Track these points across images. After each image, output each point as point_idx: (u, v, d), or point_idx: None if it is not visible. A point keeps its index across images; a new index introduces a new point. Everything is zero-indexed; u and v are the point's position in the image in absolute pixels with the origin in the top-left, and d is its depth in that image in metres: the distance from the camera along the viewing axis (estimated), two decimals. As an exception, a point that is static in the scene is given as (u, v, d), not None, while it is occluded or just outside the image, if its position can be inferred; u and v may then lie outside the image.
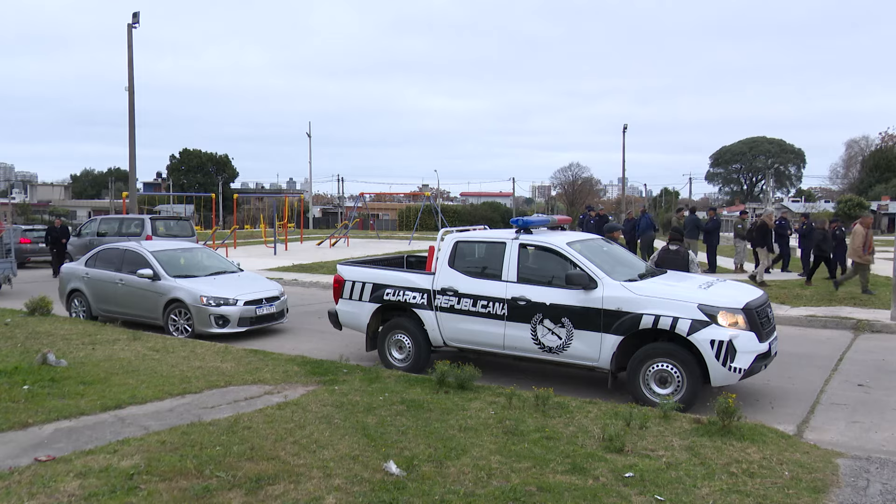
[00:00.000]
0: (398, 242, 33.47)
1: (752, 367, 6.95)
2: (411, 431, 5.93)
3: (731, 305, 7.05)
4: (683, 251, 9.88)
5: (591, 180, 77.88)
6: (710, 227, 19.34)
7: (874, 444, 6.08)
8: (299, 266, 21.03)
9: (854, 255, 14.02)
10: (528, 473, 5.02)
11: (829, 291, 14.46)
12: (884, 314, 11.93)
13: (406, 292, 8.69)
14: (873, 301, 13.24)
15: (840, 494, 4.70)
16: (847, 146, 70.61)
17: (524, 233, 8.28)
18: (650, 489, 4.73)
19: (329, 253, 26.74)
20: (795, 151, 78.12)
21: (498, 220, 51.40)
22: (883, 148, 61.45)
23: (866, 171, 61.18)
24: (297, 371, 8.12)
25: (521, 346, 7.88)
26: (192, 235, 20.24)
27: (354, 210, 41.03)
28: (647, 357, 7.14)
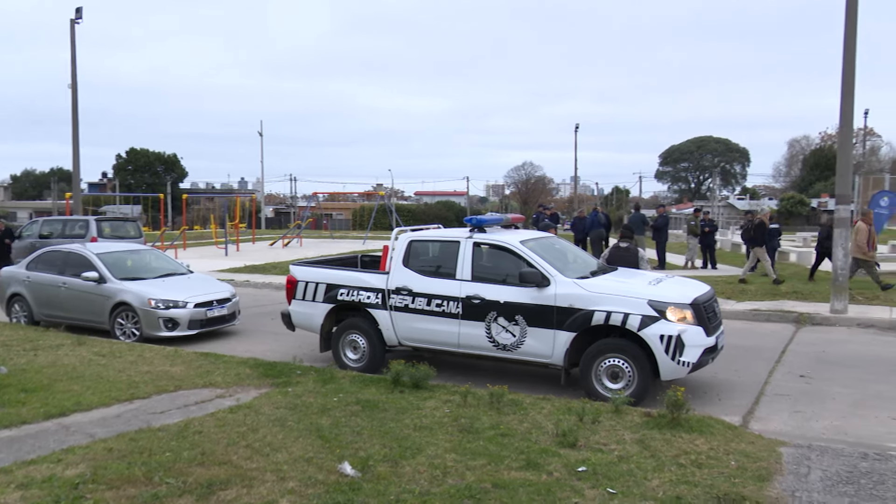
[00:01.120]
0: (352, 242, 33.27)
1: (700, 360, 7.13)
2: (366, 432, 5.90)
3: (679, 301, 7.22)
4: (633, 248, 10.07)
5: (544, 179, 78.75)
6: (659, 225, 19.76)
7: (815, 433, 6.30)
8: (251, 267, 20.73)
9: (859, 253, 14.11)
10: (484, 471, 5.05)
11: (772, 286, 14.91)
12: (823, 307, 12.37)
13: (360, 292, 8.64)
14: (814, 295, 13.71)
15: (783, 482, 4.85)
16: (789, 145, 73.03)
17: (478, 231, 8.32)
18: (602, 482, 4.81)
19: (282, 253, 26.42)
20: (741, 150, 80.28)
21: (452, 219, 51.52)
22: (822, 147, 63.64)
23: (807, 169, 63.26)
24: (249, 373, 8.00)
25: (476, 344, 7.92)
26: (140, 237, 19.75)
27: (308, 210, 40.67)
28: (599, 353, 7.26)
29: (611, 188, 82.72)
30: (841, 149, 12.68)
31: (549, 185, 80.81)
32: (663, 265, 18.96)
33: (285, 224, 59.48)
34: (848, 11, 11.93)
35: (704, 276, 15.47)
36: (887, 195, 18.01)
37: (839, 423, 6.59)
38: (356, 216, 58.03)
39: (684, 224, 31.48)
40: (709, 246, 19.51)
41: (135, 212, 48.68)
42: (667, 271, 16.05)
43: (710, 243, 19.57)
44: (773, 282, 15.43)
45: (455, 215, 56.14)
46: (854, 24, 11.93)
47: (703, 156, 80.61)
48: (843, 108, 12.14)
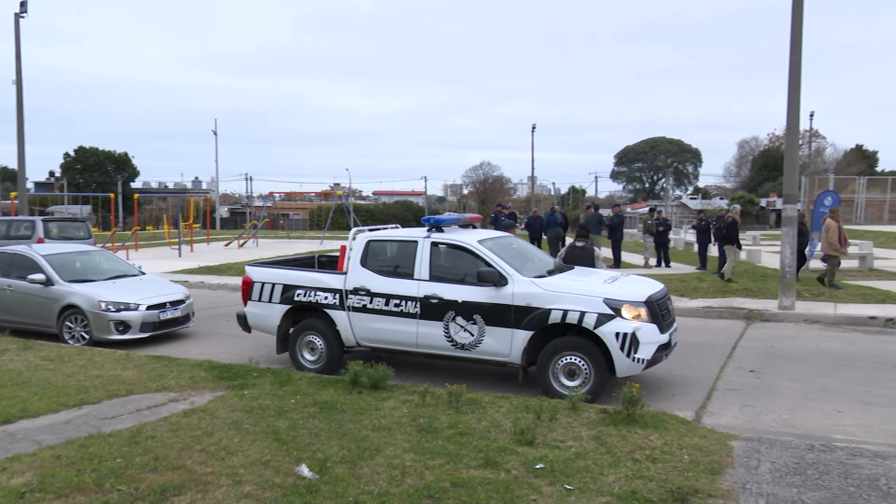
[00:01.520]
0: (309, 242, 32.96)
1: (655, 357, 7.26)
2: (324, 433, 5.85)
3: (634, 299, 7.34)
4: (589, 247, 10.21)
5: (501, 179, 79.24)
6: (615, 224, 20.06)
7: (764, 426, 6.48)
8: (206, 268, 20.37)
9: (830, 249, 14.38)
10: (442, 470, 5.06)
11: (723, 284, 15.27)
12: (772, 304, 12.72)
13: (317, 293, 8.57)
14: (763, 292, 14.09)
15: (734, 474, 4.98)
16: (739, 146, 74.76)
17: (436, 231, 8.33)
18: (560, 479, 4.87)
19: (237, 254, 26.03)
20: (693, 151, 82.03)
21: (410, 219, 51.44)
22: (770, 148, 65.37)
23: (756, 169, 64.93)
24: (204, 376, 7.86)
25: (435, 343, 7.92)
26: (89, 238, 19.25)
27: (264, 210, 40.14)
28: (556, 351, 7.33)
29: (567, 188, 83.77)
30: (788, 150, 13.06)
31: (506, 185, 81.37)
32: (619, 264, 19.25)
33: (241, 224, 58.61)
34: (794, 17, 12.29)
35: (658, 275, 15.77)
36: (831, 195, 18.58)
37: (787, 416, 6.79)
38: (313, 216, 57.49)
39: (639, 223, 32.05)
40: (662, 245, 19.89)
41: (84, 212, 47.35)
42: (622, 270, 16.32)
43: (664, 242, 19.96)
44: (725, 279, 15.75)
45: (413, 215, 56.08)
46: (800, 29, 12.29)
47: (657, 156, 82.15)
48: (790, 110, 12.51)
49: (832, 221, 14.62)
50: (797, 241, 15.43)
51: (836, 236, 14.39)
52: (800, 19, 12.28)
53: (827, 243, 14.45)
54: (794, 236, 12.66)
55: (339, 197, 42.08)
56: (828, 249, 14.45)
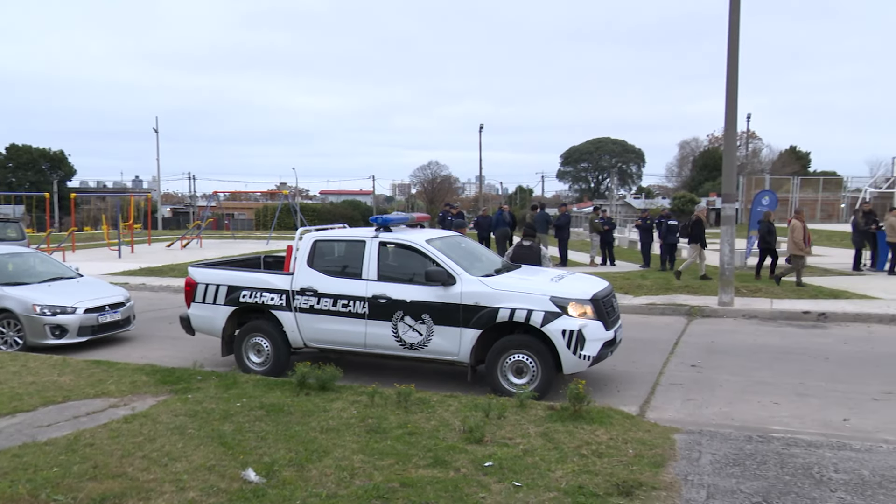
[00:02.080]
0: (255, 243, 32.43)
1: (600, 353, 7.39)
2: (271, 436, 5.77)
3: (580, 297, 7.45)
4: (536, 246, 10.32)
5: (450, 178, 79.41)
6: (561, 223, 20.34)
7: (705, 419, 6.67)
8: (147, 269, 19.84)
9: (795, 249, 14.55)
10: (392, 470, 5.05)
11: (666, 281, 15.64)
12: (712, 300, 13.10)
13: (263, 294, 8.45)
14: (703, 289, 14.49)
15: (676, 467, 5.11)
16: (680, 147, 76.66)
17: (384, 231, 8.30)
18: (508, 476, 4.91)
19: (180, 255, 25.42)
20: (636, 151, 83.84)
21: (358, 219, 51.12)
22: (710, 149, 67.25)
23: (696, 169, 66.69)
24: (145, 381, 7.66)
25: (383, 343, 7.90)
26: (23, 239, 18.49)
27: (208, 209, 39.30)
28: (504, 349, 7.39)
29: (515, 187, 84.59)
30: (726, 150, 13.47)
31: (454, 185, 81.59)
32: (565, 262, 19.52)
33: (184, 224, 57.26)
34: (731, 23, 12.68)
35: (604, 273, 16.06)
36: (768, 194, 19.25)
37: (727, 409, 7.00)
38: (259, 216, 56.57)
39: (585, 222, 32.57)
40: (608, 243, 20.26)
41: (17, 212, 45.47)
42: (568, 268, 16.56)
43: (609, 241, 20.33)
44: (675, 274, 16.01)
45: (361, 214, 55.76)
46: (736, 34, 12.69)
47: (602, 156, 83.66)
48: (728, 112, 12.89)
49: (797, 222, 14.73)
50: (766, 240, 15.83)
51: (801, 236, 14.55)
52: (736, 25, 12.67)
53: (793, 243, 14.58)
54: (733, 234, 13.06)
55: (285, 196, 41.46)
56: (793, 249, 14.60)
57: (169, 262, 21.70)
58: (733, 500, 4.54)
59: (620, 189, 77.17)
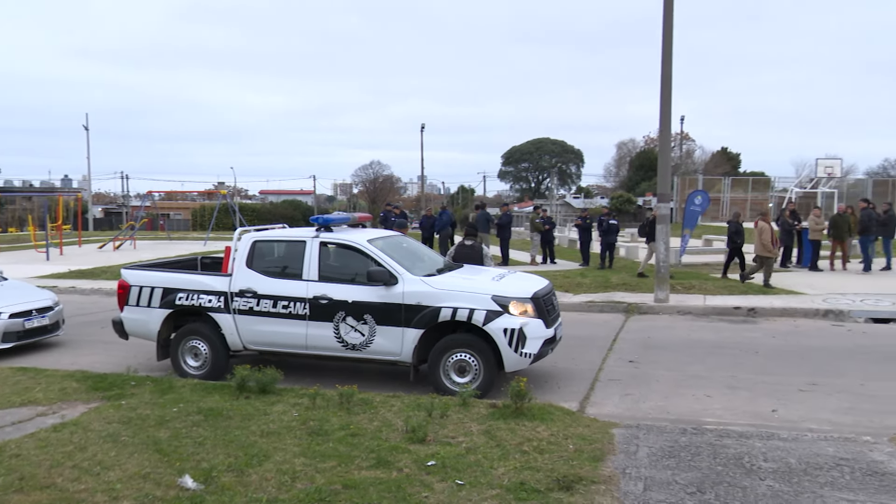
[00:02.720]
0: (192, 243, 31.63)
1: (541, 351, 7.50)
2: (209, 442, 5.64)
3: (521, 295, 7.54)
4: (478, 246, 10.39)
5: (392, 178, 79.20)
6: (503, 223, 20.53)
7: (643, 413, 6.85)
8: (78, 272, 19.12)
9: (763, 251, 14.64)
10: (334, 472, 5.01)
11: (605, 279, 15.97)
12: (649, 297, 13.45)
13: (200, 296, 8.25)
14: (640, 286, 14.86)
15: (615, 460, 5.23)
16: (618, 147, 78.46)
17: (325, 231, 8.23)
18: (451, 475, 4.93)
19: (113, 256, 24.58)
20: (575, 152, 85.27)
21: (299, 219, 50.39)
22: (646, 149, 69.01)
23: (633, 169, 68.34)
24: (76, 388, 7.38)
25: (325, 345, 7.82)
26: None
27: (142, 209, 38.16)
28: (447, 348, 7.42)
29: (457, 187, 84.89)
30: (661, 152, 13.86)
31: (396, 184, 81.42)
32: (507, 261, 19.71)
33: (117, 225, 55.42)
34: (665, 29, 13.04)
35: (544, 271, 16.29)
36: (700, 194, 19.88)
37: (663, 403, 7.20)
38: (196, 216, 55.18)
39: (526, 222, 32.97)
40: (548, 242, 20.56)
41: (-66, 213, 43.20)
42: (510, 267, 16.73)
43: (550, 240, 20.64)
44: (638, 274, 16.22)
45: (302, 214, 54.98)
46: (670, 40, 13.06)
47: (542, 156, 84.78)
48: (662, 114, 13.26)
49: (764, 224, 14.86)
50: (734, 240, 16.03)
51: (769, 238, 14.71)
52: (670, 31, 13.04)
53: (760, 244, 14.70)
54: (668, 233, 13.43)
55: (223, 196, 40.57)
56: (761, 251, 14.71)
57: (101, 265, 20.97)
58: (669, 492, 4.68)
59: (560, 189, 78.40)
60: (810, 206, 24.87)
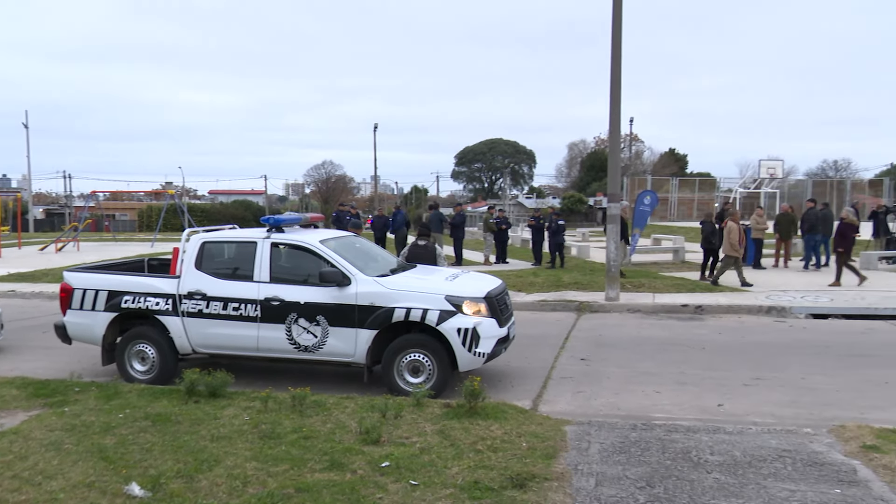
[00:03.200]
0: (139, 245, 30.86)
1: (494, 350, 7.55)
2: (157, 448, 5.51)
3: (474, 295, 7.58)
4: (431, 246, 10.40)
5: (344, 178, 78.66)
6: (456, 223, 20.60)
7: (594, 410, 6.95)
8: (18, 275, 18.45)
9: (731, 251, 14.77)
10: (286, 476, 4.95)
11: (557, 278, 16.16)
12: (600, 296, 13.66)
13: (147, 298, 8.06)
14: (592, 285, 15.09)
15: (567, 457, 5.30)
16: (569, 148, 79.53)
17: (276, 231, 8.12)
18: (405, 475, 4.92)
19: (55, 259, 23.79)
20: (528, 152, 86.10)
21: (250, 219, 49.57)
22: (596, 150, 70.11)
23: (584, 170, 69.34)
24: (16, 395, 7.12)
25: (277, 347, 7.73)
26: None
27: (86, 210, 37.03)
28: (401, 349, 7.41)
29: (410, 187, 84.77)
30: (611, 153, 14.09)
31: (349, 184, 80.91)
32: (460, 261, 19.78)
33: (59, 226, 53.64)
34: (614, 32, 13.26)
35: (497, 271, 16.41)
36: (649, 194, 20.29)
37: (614, 400, 7.32)
38: (143, 217, 53.83)
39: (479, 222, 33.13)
40: (502, 242, 20.72)
41: None
42: (463, 267, 16.79)
43: (504, 239, 20.80)
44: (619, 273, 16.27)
45: (253, 215, 54.08)
46: (619, 43, 13.29)
47: (495, 157, 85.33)
48: (612, 115, 13.49)
49: (733, 224, 14.98)
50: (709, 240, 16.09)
51: (737, 237, 14.85)
52: (619, 34, 13.27)
53: (729, 244, 14.83)
54: (618, 232, 13.67)
55: (171, 196, 39.67)
56: (729, 251, 14.85)
57: (42, 267, 20.28)
58: (620, 487, 4.76)
59: (513, 189, 79.00)
60: (754, 206, 25.62)
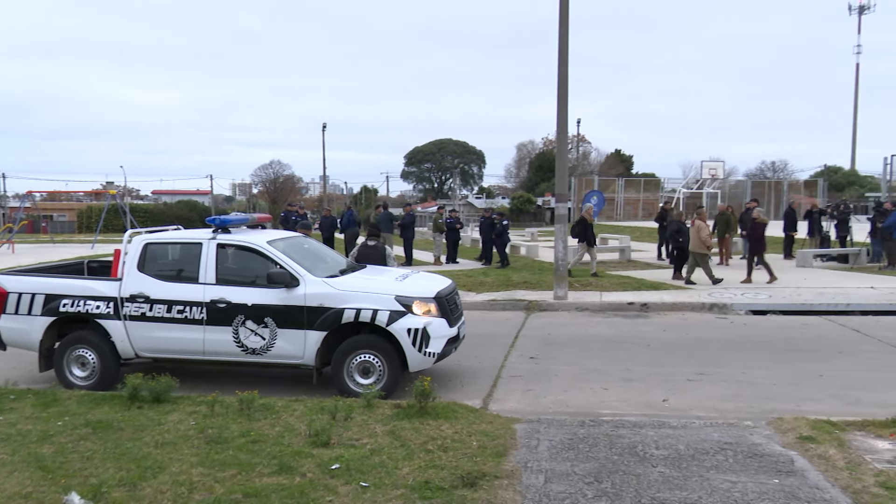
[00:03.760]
0: (78, 247, 29.87)
1: (445, 350, 7.56)
2: (98, 456, 5.35)
3: (424, 295, 7.58)
4: (381, 246, 10.35)
5: (293, 178, 77.74)
6: (406, 223, 20.58)
7: (543, 408, 7.04)
8: (-53, 279, 17.61)
9: (700, 248, 14.87)
10: (234, 481, 4.86)
11: (506, 277, 16.30)
12: (548, 295, 13.83)
13: (87, 302, 7.82)
14: (541, 284, 15.27)
15: (517, 455, 5.35)
16: (518, 149, 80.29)
17: (222, 232, 7.97)
18: (355, 477, 4.90)
19: (-12, 262, 22.84)
20: (477, 153, 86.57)
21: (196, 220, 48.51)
22: (545, 151, 70.93)
23: (533, 170, 70.11)
24: (-54, 404, 6.81)
25: (223, 350, 7.58)
26: None
27: (21, 211, 35.67)
28: (350, 350, 7.36)
29: (360, 187, 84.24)
30: (558, 153, 14.28)
31: (298, 184, 80.00)
32: (410, 261, 19.77)
33: (-8, 228, 51.48)
34: (560, 35, 13.44)
35: (447, 271, 16.46)
36: (596, 194, 20.71)
37: (562, 397, 7.43)
38: (82, 218, 52.17)
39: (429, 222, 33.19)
40: (454, 242, 20.80)
41: None
42: (413, 267, 16.78)
43: (456, 239, 20.88)
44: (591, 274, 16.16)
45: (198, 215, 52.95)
46: (566, 45, 13.47)
47: (445, 157, 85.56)
48: (559, 117, 13.67)
49: (701, 222, 15.10)
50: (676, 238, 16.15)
51: (707, 234, 15.00)
52: (565, 38, 13.45)
53: (699, 242, 14.95)
54: (566, 232, 13.86)
55: (112, 196, 38.51)
56: (698, 248, 14.97)
57: (-26, 270, 19.42)
58: (568, 483, 4.83)
59: (463, 189, 79.33)
60: (696, 206, 26.32)
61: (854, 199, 47.01)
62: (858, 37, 79.79)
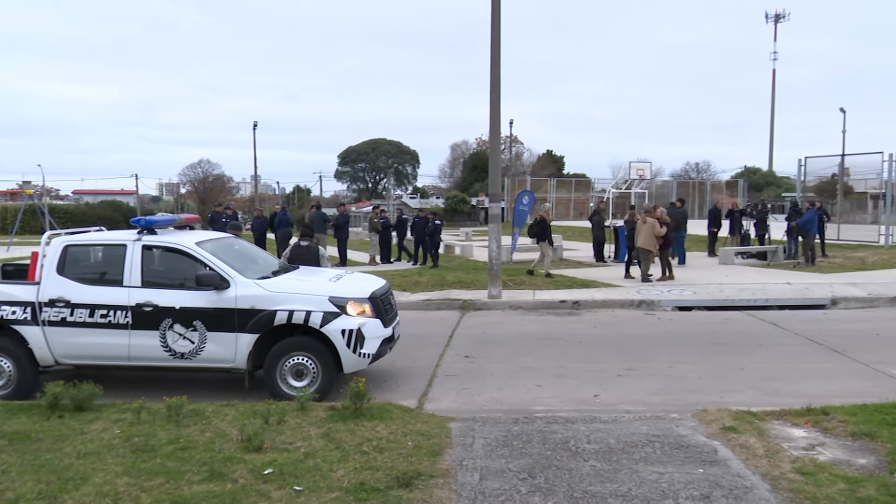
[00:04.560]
0: (-8, 249, 28.34)
1: (379, 350, 7.54)
2: (15, 469, 5.10)
3: (358, 296, 7.53)
4: (314, 246, 10.25)
5: (223, 177, 75.73)
6: (340, 223, 20.38)
7: (478, 406, 7.10)
8: None
9: (648, 245, 15.04)
10: (162, 490, 4.72)
11: (441, 277, 16.35)
12: (483, 294, 13.96)
13: (2, 307, 7.44)
14: (475, 283, 15.38)
15: (452, 454, 5.38)
16: (452, 149, 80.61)
17: (148, 233, 7.72)
18: (289, 481, 4.82)
19: None
20: (411, 152, 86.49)
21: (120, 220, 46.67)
22: (478, 151, 71.45)
23: (467, 170, 70.51)
24: None
25: (150, 355, 7.35)
26: None
27: (-73, 212, 33.58)
28: (283, 352, 7.25)
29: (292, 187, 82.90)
30: (492, 154, 14.43)
31: (228, 184, 78.00)
32: (345, 262, 19.60)
33: None
34: (493, 37, 13.58)
35: (382, 271, 16.39)
36: (527, 194, 20.97)
37: (497, 395, 7.51)
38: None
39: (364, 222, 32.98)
40: (387, 241, 20.74)
41: None
42: (348, 268, 16.65)
43: (389, 239, 20.83)
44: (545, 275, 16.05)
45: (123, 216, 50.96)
46: (498, 47, 13.61)
47: (379, 157, 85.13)
48: (492, 118, 13.81)
49: (653, 220, 15.23)
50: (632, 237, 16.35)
51: (658, 231, 15.15)
52: (497, 39, 13.59)
53: (649, 239, 15.12)
54: (500, 231, 14.01)
55: (30, 196, 36.70)
56: (647, 245, 15.18)
57: None
58: (503, 479, 4.89)
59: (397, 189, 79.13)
60: (625, 206, 27.03)
61: (772, 199, 49.18)
62: (775, 44, 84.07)
